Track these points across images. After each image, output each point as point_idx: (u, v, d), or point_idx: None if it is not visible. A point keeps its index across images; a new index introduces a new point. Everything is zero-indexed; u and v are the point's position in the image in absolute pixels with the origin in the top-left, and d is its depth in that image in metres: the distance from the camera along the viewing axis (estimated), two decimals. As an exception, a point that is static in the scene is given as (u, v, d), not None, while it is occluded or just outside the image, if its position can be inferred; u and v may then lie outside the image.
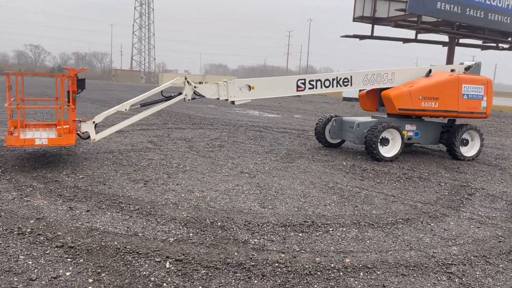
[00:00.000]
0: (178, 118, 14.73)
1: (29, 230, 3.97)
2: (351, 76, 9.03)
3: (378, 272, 3.56)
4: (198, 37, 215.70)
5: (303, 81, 8.61)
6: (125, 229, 4.15)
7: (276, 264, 3.57)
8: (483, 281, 3.54)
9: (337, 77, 8.91)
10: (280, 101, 31.01)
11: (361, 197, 5.84)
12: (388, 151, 8.70)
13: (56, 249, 3.61)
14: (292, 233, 4.34)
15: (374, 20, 23.81)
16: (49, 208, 4.64)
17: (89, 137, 7.21)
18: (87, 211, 4.61)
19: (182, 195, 5.42)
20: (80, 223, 4.24)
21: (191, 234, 4.11)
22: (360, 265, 3.66)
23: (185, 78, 7.75)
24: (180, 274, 3.29)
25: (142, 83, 75.33)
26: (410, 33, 25.91)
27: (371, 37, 24.73)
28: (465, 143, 9.47)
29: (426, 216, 5.17)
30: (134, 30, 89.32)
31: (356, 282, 3.37)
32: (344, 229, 4.56)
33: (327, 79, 8.81)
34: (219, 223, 4.44)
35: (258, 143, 10.13)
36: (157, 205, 4.92)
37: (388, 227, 4.72)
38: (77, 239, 3.81)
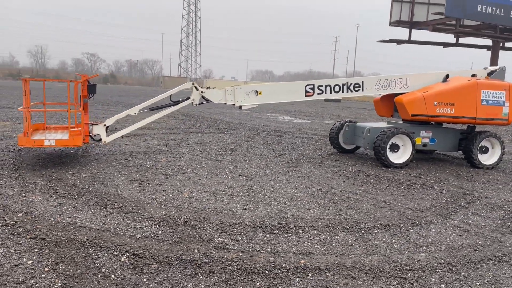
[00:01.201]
0: (205, 123, 15.08)
1: (13, 222, 4.31)
2: (362, 82, 8.98)
3: (328, 274, 3.61)
4: (245, 44, 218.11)
5: (311, 86, 8.66)
6: (101, 224, 4.41)
7: (229, 262, 3.70)
8: (434, 287, 3.49)
9: (347, 82, 8.90)
10: (316, 107, 30.91)
11: (350, 202, 5.84)
12: (399, 157, 8.57)
13: (29, 240, 3.91)
14: (260, 234, 4.44)
15: (412, 24, 23.29)
16: (41, 203, 4.99)
17: (101, 139, 7.59)
18: (74, 207, 4.91)
19: (171, 195, 5.64)
20: (62, 218, 4.55)
21: (160, 232, 4.31)
22: (313, 267, 3.72)
23: (193, 84, 8.02)
24: (131, 267, 3.49)
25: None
26: (452, 37, 25.14)
27: (409, 41, 24.21)
28: (485, 150, 9.15)
29: (409, 222, 5.11)
30: (182, 38, 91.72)
31: (300, 282, 3.44)
32: (315, 232, 4.61)
33: (336, 85, 8.81)
34: (192, 222, 4.62)
35: (272, 147, 10.24)
36: (141, 204, 5.16)
37: (363, 232, 4.71)
38: (51, 232, 4.10)
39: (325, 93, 8.78)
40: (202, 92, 8.04)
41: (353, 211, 5.45)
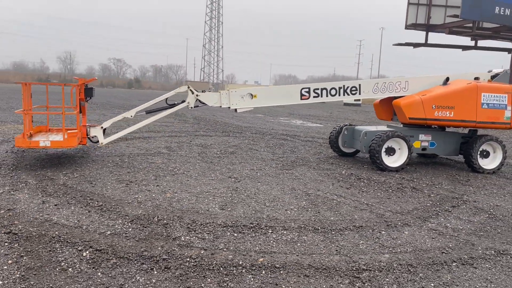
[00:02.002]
0: (213, 126, 15.26)
1: (-8, 218, 4.53)
2: (359, 85, 8.98)
3: (282, 272, 3.67)
4: (268, 48, 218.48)
5: (307, 89, 8.71)
6: (75, 222, 4.59)
7: (188, 259, 3.80)
8: (386, 287, 3.52)
9: (344, 86, 8.91)
10: (333, 111, 30.79)
11: (331, 204, 5.87)
12: (395, 161, 8.53)
13: (2, 234, 4.11)
14: (228, 233, 4.53)
15: (428, 27, 23.00)
16: (25, 201, 5.22)
17: (98, 141, 7.83)
18: (56, 205, 5.11)
19: (153, 195, 5.79)
20: (40, 215, 4.75)
21: (130, 229, 4.45)
22: (269, 265, 3.79)
23: (188, 87, 8.19)
24: (90, 262, 3.64)
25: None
26: (470, 40, 24.70)
27: (426, 44, 23.90)
28: (486, 155, 9.01)
29: (384, 225, 5.11)
30: (204, 43, 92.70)
31: (252, 279, 3.52)
32: (285, 232, 4.68)
33: (333, 88, 8.84)
34: (164, 221, 4.75)
35: (272, 150, 10.32)
36: (121, 203, 5.33)
37: (333, 233, 4.75)
38: (25, 228, 4.30)
39: (321, 96, 8.82)
40: (197, 95, 8.19)
41: (331, 212, 5.48)
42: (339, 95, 8.90)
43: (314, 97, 8.78)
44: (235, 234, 4.51)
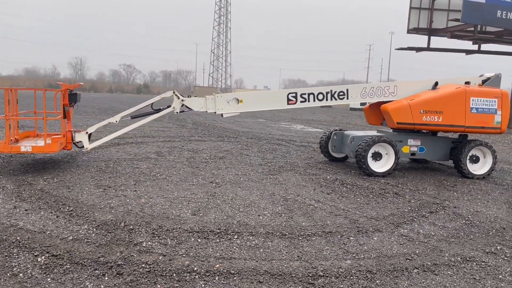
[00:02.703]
0: (210, 131, 15.28)
1: (-41, 223, 4.57)
2: (347, 90, 8.95)
3: (235, 278, 3.65)
4: (277, 53, 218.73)
5: (294, 94, 8.70)
6: (41, 227, 4.61)
7: (143, 265, 3.80)
8: (339, 294, 3.48)
9: (331, 91, 8.89)
10: (336, 115, 30.68)
11: (307, 209, 5.84)
12: (381, 166, 8.46)
13: (-36, 240, 4.14)
14: (192, 239, 4.52)
15: (431, 32, 22.84)
16: (-2, 206, 5.25)
17: (83, 146, 7.88)
18: (26, 210, 5.15)
19: (128, 200, 5.80)
20: (8, 220, 4.78)
21: (93, 235, 4.46)
22: (225, 271, 3.77)
23: (173, 92, 8.21)
24: (43, 267, 3.65)
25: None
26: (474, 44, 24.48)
27: (428, 49, 23.72)
28: (475, 160, 8.90)
29: (355, 230, 5.07)
30: (213, 49, 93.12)
31: (203, 285, 3.50)
32: (250, 238, 4.66)
33: (320, 93, 8.81)
34: (131, 227, 4.75)
35: (263, 155, 10.30)
36: (93, 208, 5.34)
37: (300, 238, 4.72)
38: (-12, 233, 4.33)
39: (308, 101, 8.79)
40: (182, 100, 8.21)
41: (304, 218, 5.45)
42: (327, 100, 8.87)
43: (301, 102, 8.76)
44: (199, 240, 4.49)
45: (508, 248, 4.73)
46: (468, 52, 24.90)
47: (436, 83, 9.14)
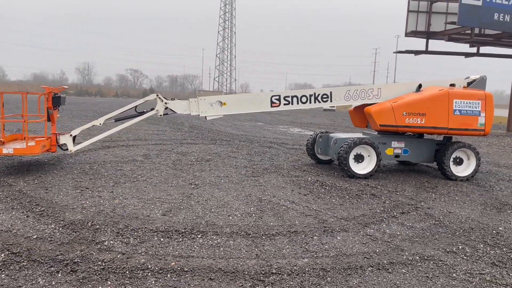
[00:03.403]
0: (204, 135, 15.39)
1: None
2: (330, 92, 9.01)
3: (187, 275, 3.73)
4: (284, 58, 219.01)
5: (277, 97, 8.78)
6: (8, 226, 4.72)
7: (99, 263, 3.89)
8: (286, 291, 3.55)
9: (315, 93, 8.96)
10: (336, 119, 30.67)
11: (279, 210, 5.90)
12: (364, 168, 8.51)
13: None
14: (155, 238, 4.61)
15: (429, 35, 22.85)
16: (-28, 206, 5.38)
17: (67, 148, 8.01)
18: (-1, 210, 5.26)
19: (102, 201, 5.91)
20: (-21, 219, 4.89)
21: (58, 234, 4.56)
22: (179, 269, 3.85)
23: (157, 95, 8.33)
24: (0, 264, 3.75)
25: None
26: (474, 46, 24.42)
27: (427, 52, 23.73)
28: (459, 162, 8.91)
29: (321, 230, 5.13)
30: (217, 53, 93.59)
31: (153, 282, 3.58)
32: (214, 237, 4.73)
33: (303, 95, 8.89)
34: (97, 226, 4.85)
35: (251, 158, 10.38)
36: (64, 209, 5.45)
37: (263, 238, 4.79)
38: (-45, 232, 4.44)
39: (292, 103, 8.87)
40: (166, 103, 8.32)
41: (273, 218, 5.51)
42: (310, 102, 8.94)
43: (284, 104, 8.84)
44: (162, 239, 4.58)
45: (470, 248, 4.77)
46: (467, 55, 24.85)
47: (420, 85, 9.18)
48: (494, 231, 5.38)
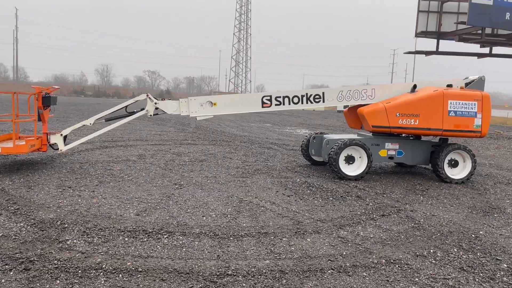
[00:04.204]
0: (207, 135, 15.39)
1: None
2: (323, 93, 8.92)
3: (139, 275, 3.71)
4: (300, 59, 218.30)
5: (268, 97, 8.72)
6: (-22, 224, 4.77)
7: (56, 262, 3.89)
8: (235, 293, 3.50)
9: (307, 94, 8.87)
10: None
11: (257, 211, 5.85)
12: (355, 169, 8.40)
13: None
14: (120, 238, 4.60)
15: (439, 35, 22.47)
16: (-50, 204, 5.45)
17: (58, 148, 8.09)
18: (-26, 208, 5.33)
19: (79, 200, 5.94)
20: (-48, 217, 4.96)
21: (23, 232, 4.59)
22: (133, 269, 3.83)
23: (147, 95, 8.35)
24: (-44, 261, 3.78)
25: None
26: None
27: (438, 52, 23.27)
28: (454, 164, 8.72)
29: (292, 232, 5.06)
30: (233, 55, 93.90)
31: (103, 282, 3.57)
32: (180, 237, 4.71)
33: (295, 96, 8.81)
34: (65, 225, 4.87)
35: (246, 159, 10.34)
36: (40, 207, 5.49)
37: (231, 239, 4.74)
38: None
39: (283, 104, 8.80)
40: (156, 103, 8.34)
41: (248, 219, 5.46)
42: (302, 103, 8.86)
43: (276, 105, 8.78)
44: (126, 239, 4.57)
45: (442, 252, 4.64)
46: (480, 55, 24.34)
47: (415, 86, 9.02)
48: (473, 235, 5.23)
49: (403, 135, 9.15)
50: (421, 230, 5.36)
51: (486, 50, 23.58)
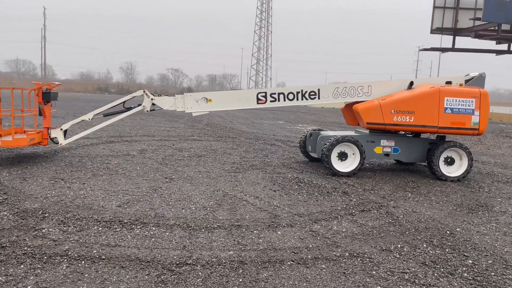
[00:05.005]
0: (215, 132, 15.57)
1: None
2: (318, 90, 8.96)
3: (101, 263, 3.87)
4: (323, 56, 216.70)
5: (264, 94, 8.81)
6: (-37, 212, 5.03)
7: (26, 248, 4.09)
8: (191, 281, 3.63)
9: (302, 90, 8.93)
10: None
11: (237, 205, 5.96)
12: (348, 166, 8.43)
13: None
14: (95, 227, 4.78)
15: (456, 31, 22.10)
16: None
17: (58, 142, 8.38)
18: (-35, 198, 5.60)
19: (67, 191, 6.16)
20: None
21: (4, 220, 4.82)
22: (97, 257, 3.99)
23: (144, 91, 8.55)
24: None
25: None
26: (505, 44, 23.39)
27: (454, 49, 22.93)
28: (450, 162, 8.64)
29: (266, 225, 5.15)
30: (253, 52, 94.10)
31: (64, 268, 3.74)
32: (153, 228, 4.86)
33: (290, 92, 8.88)
34: (46, 215, 5.08)
35: (245, 155, 10.45)
36: (28, 197, 5.73)
37: (202, 230, 4.87)
38: None
39: (278, 100, 8.88)
40: (152, 99, 8.54)
41: (226, 213, 5.58)
42: (297, 99, 8.92)
43: (271, 101, 8.86)
44: (100, 229, 4.74)
45: (410, 247, 4.66)
46: (498, 52, 23.82)
47: (411, 83, 8.97)
48: (448, 232, 5.23)
49: (402, 132, 9.11)
50: (396, 225, 5.37)
51: (503, 46, 23.09)
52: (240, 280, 3.67)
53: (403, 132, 9.12)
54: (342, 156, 8.34)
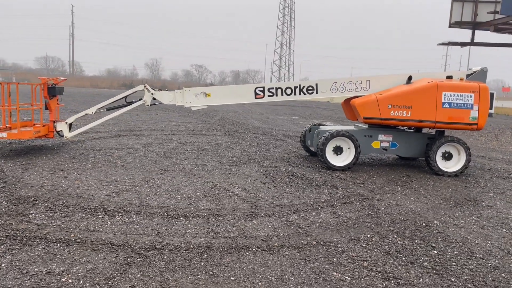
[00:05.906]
0: (225, 127, 15.80)
1: None
2: (316, 84, 9.06)
3: (75, 246, 4.13)
4: (348, 51, 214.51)
5: (261, 89, 8.98)
6: (-39, 198, 5.38)
7: (10, 231, 4.39)
8: (155, 263, 3.85)
9: (300, 85, 9.05)
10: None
11: (223, 196, 6.15)
12: (343, 160, 8.51)
13: None
14: (79, 214, 5.06)
15: (475, 25, 21.76)
16: None
17: (64, 135, 8.76)
18: (-35, 185, 5.98)
19: (63, 181, 6.48)
20: None
21: (-4, 206, 5.15)
22: (73, 240, 4.26)
23: (145, 86, 8.84)
24: None
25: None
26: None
27: (473, 43, 22.59)
28: (448, 157, 8.63)
29: (243, 215, 5.33)
30: (276, 48, 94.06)
31: (41, 249, 4.01)
32: (134, 216, 5.10)
33: (288, 87, 9.01)
34: (37, 202, 5.39)
35: (248, 149, 10.64)
36: (24, 186, 6.06)
37: (181, 219, 5.09)
38: None
39: (276, 95, 9.02)
40: (152, 94, 8.81)
41: (210, 203, 5.78)
42: (295, 94, 9.05)
43: (268, 96, 9.01)
44: (84, 215, 5.01)
45: (379, 237, 4.77)
46: (519, 46, 23.30)
47: (410, 77, 8.97)
48: (424, 224, 5.30)
49: (400, 127, 9.13)
50: (374, 217, 5.47)
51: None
52: (202, 264, 3.86)
53: (401, 127, 9.12)
54: (337, 150, 8.43)
